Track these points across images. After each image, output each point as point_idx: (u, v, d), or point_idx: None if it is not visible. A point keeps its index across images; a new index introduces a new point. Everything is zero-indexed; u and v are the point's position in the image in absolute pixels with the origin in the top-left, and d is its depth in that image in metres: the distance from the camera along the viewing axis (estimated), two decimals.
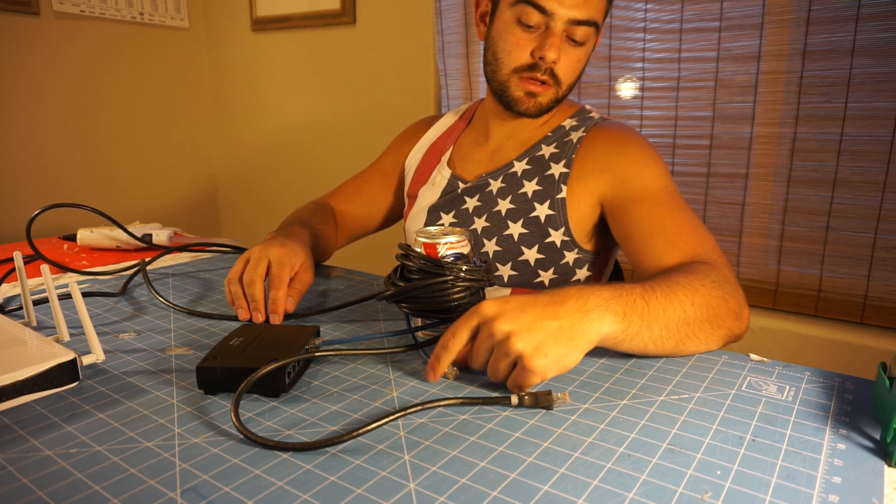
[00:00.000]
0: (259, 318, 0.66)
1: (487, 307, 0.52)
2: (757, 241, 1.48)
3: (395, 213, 1.09)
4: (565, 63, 0.81)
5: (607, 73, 1.60)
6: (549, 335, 0.51)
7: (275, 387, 0.50)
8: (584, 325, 0.52)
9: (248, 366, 0.50)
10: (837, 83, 1.31)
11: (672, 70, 1.50)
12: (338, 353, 0.57)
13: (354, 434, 0.43)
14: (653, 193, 0.79)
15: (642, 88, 1.56)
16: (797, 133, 1.38)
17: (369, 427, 0.44)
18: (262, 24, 2.27)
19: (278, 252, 0.71)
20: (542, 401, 0.48)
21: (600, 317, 0.53)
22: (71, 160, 2.13)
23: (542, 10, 0.77)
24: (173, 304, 0.72)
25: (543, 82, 0.82)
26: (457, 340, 0.52)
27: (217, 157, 2.61)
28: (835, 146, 1.34)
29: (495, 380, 0.52)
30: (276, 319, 0.67)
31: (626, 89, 1.58)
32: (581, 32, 0.79)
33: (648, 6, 1.50)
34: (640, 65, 1.54)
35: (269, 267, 0.71)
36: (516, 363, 0.51)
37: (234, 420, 0.44)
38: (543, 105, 0.84)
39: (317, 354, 0.54)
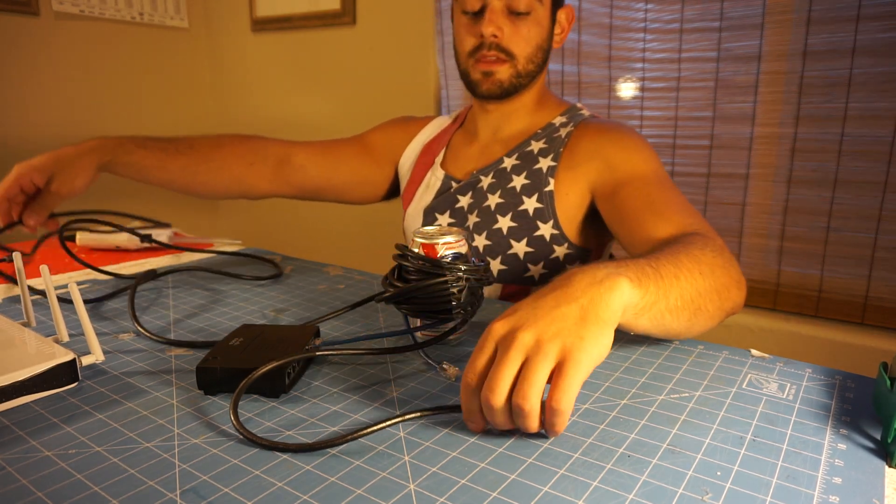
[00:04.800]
0: None
1: (496, 326, 0.44)
2: (757, 242, 1.48)
3: (366, 188, 1.05)
4: (513, 36, 0.83)
5: (607, 73, 1.59)
6: (576, 321, 0.42)
7: (275, 387, 0.50)
8: (603, 297, 0.44)
9: (248, 366, 0.50)
10: (838, 83, 1.31)
11: (672, 70, 1.50)
12: (338, 352, 0.57)
13: (351, 437, 0.43)
14: (641, 175, 0.80)
15: (642, 89, 1.56)
16: (798, 133, 1.38)
17: (369, 430, 0.44)
18: (262, 25, 2.27)
19: (20, 167, 0.87)
20: None
21: (616, 284, 0.44)
22: None
23: None
24: (149, 332, 0.64)
25: (495, 59, 0.85)
26: (476, 369, 0.43)
27: None
28: (835, 146, 1.34)
29: (525, 412, 0.40)
30: None
31: (627, 90, 1.58)
32: (518, 3, 0.82)
33: (648, 6, 1.50)
34: (640, 65, 1.54)
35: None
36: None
37: (234, 420, 0.44)
38: (503, 82, 0.86)
39: (317, 354, 0.54)
